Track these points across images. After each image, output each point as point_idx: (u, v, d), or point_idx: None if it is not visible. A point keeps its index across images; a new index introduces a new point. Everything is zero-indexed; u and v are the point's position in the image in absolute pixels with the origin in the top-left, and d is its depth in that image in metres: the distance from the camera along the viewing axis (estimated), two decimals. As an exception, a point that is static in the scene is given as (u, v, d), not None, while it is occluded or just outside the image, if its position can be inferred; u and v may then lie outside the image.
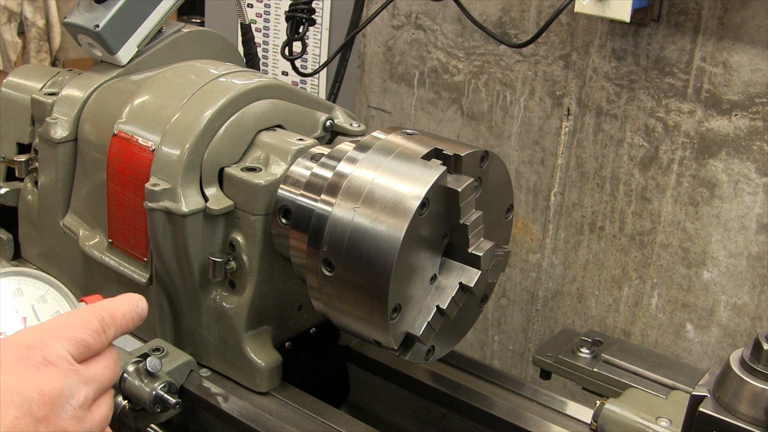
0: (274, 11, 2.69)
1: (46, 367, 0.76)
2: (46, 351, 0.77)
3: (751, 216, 1.78)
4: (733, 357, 0.92)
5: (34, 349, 0.76)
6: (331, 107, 1.43)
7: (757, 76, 1.70)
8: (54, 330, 0.79)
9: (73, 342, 0.79)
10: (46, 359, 0.76)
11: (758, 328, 1.82)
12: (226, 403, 1.26)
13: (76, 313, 0.83)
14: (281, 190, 1.22)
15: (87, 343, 0.80)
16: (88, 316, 0.82)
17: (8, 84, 1.60)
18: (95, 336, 0.81)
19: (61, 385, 0.76)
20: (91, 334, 0.81)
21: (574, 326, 2.12)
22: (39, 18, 4.87)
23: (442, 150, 1.10)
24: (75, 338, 0.79)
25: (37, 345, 0.77)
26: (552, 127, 2.04)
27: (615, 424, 1.12)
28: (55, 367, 0.77)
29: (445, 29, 2.17)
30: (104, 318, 0.83)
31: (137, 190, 1.28)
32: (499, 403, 1.32)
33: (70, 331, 0.80)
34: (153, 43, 1.48)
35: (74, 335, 0.80)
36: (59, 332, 0.79)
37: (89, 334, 0.81)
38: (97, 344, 0.82)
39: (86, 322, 0.82)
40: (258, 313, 1.28)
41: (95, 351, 0.82)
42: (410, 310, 1.09)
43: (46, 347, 0.77)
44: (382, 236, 1.03)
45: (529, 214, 2.15)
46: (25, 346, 0.76)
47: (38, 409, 0.74)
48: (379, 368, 1.45)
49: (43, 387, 0.75)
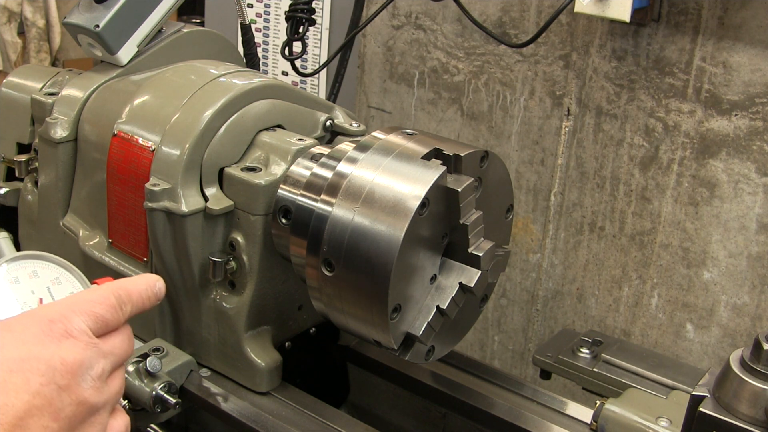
0: (274, 11, 2.69)
1: (67, 339, 0.79)
2: (67, 324, 0.80)
3: (751, 216, 1.78)
4: (733, 357, 0.92)
5: (55, 321, 0.79)
6: (331, 107, 1.43)
7: (757, 76, 1.70)
8: (74, 305, 0.83)
9: (92, 317, 0.82)
10: (67, 332, 0.79)
11: (758, 328, 1.82)
12: (226, 403, 1.26)
13: (95, 290, 0.86)
14: (281, 190, 1.22)
15: (105, 319, 0.84)
16: (106, 293, 0.85)
17: (8, 84, 1.60)
18: (113, 312, 0.85)
19: (81, 357, 0.79)
20: (109, 310, 0.84)
21: (574, 326, 2.12)
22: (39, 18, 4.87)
23: (442, 150, 1.10)
24: (94, 313, 0.83)
25: (59, 318, 0.80)
26: (552, 127, 2.04)
27: (615, 424, 1.12)
28: (76, 339, 0.80)
29: (445, 29, 2.17)
30: (121, 296, 0.86)
31: (137, 190, 1.28)
32: (499, 403, 1.32)
33: (90, 306, 0.83)
34: (153, 43, 1.48)
35: (93, 310, 0.83)
36: (79, 307, 0.82)
37: (107, 310, 0.84)
38: (114, 320, 0.85)
39: (104, 298, 0.85)
40: (258, 313, 1.28)
41: (112, 327, 0.85)
42: (410, 310, 1.09)
43: (67, 321, 0.80)
44: (382, 236, 1.03)
45: (529, 214, 2.15)
46: (47, 319, 0.79)
47: (61, 377, 0.77)
48: (379, 368, 1.45)
49: (66, 357, 0.78)
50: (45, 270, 0.93)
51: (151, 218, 1.22)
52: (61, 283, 0.93)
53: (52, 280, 0.93)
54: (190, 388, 1.27)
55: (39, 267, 0.93)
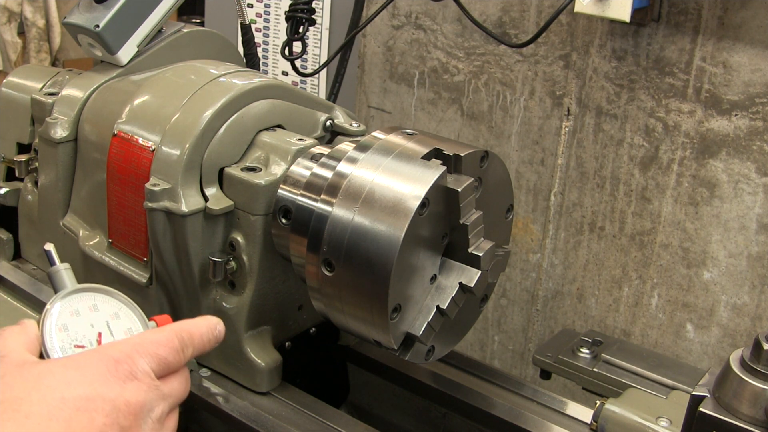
0: (274, 11, 2.69)
1: (131, 381, 0.81)
2: (132, 366, 0.82)
3: (751, 216, 1.78)
4: (733, 357, 0.92)
5: (121, 362, 0.81)
6: (331, 107, 1.43)
7: (757, 76, 1.70)
8: (140, 346, 0.85)
9: (156, 359, 0.84)
10: (132, 373, 0.82)
11: (758, 328, 1.82)
12: (226, 403, 1.26)
13: (159, 331, 0.89)
14: (281, 190, 1.22)
15: (167, 362, 0.86)
16: (170, 335, 0.88)
17: (8, 84, 1.60)
18: (175, 355, 0.87)
19: (144, 399, 0.81)
20: (171, 352, 0.86)
21: (574, 326, 2.12)
22: (39, 18, 4.87)
23: (442, 150, 1.10)
24: (158, 356, 0.85)
25: (124, 359, 0.82)
26: (552, 127, 2.04)
27: (615, 424, 1.12)
28: (140, 382, 0.82)
29: (445, 29, 2.17)
30: (184, 338, 0.89)
31: (137, 190, 1.27)
32: (499, 403, 1.32)
33: (154, 348, 0.85)
34: (153, 43, 1.48)
35: (157, 353, 0.85)
36: (144, 348, 0.84)
37: (170, 352, 0.86)
38: (176, 363, 0.87)
39: (168, 340, 0.87)
40: (258, 313, 1.28)
41: (173, 369, 0.87)
42: (410, 310, 1.09)
43: (132, 362, 0.82)
44: (382, 236, 1.03)
45: (529, 214, 2.15)
46: (113, 359, 0.81)
47: (124, 419, 0.79)
48: (379, 368, 1.45)
49: (130, 399, 0.80)
50: (105, 304, 0.93)
51: (151, 218, 1.22)
52: (120, 318, 0.93)
53: (111, 314, 0.93)
54: (191, 388, 1.27)
55: (99, 300, 0.93)
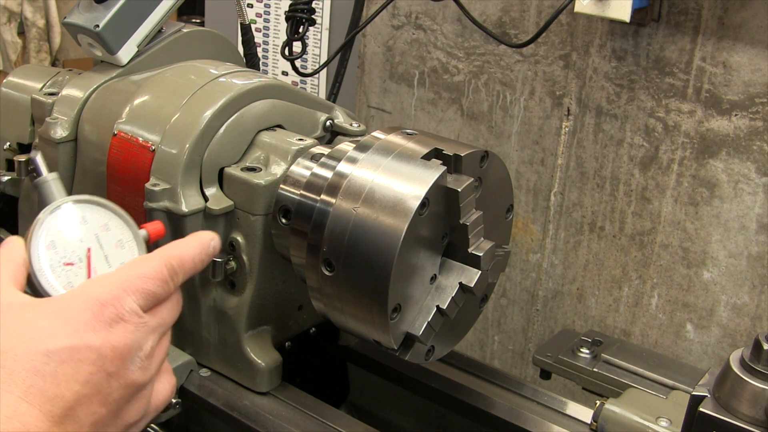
0: (274, 11, 2.69)
1: (118, 323, 0.79)
2: (118, 307, 0.80)
3: (751, 216, 1.78)
4: (733, 357, 0.92)
5: (106, 305, 0.79)
6: (331, 107, 1.43)
7: (757, 76, 1.70)
8: (125, 282, 0.82)
9: (144, 295, 0.82)
10: (118, 315, 0.79)
11: (758, 328, 1.82)
12: (226, 403, 1.26)
13: (147, 261, 0.85)
14: (281, 190, 1.22)
15: (156, 295, 0.84)
16: (158, 266, 0.85)
17: (8, 84, 1.60)
18: (164, 286, 0.85)
19: (131, 340, 0.80)
20: (161, 285, 0.84)
21: (574, 326, 2.12)
22: (39, 18, 4.87)
23: (442, 150, 1.10)
24: (145, 291, 0.82)
25: (110, 300, 0.80)
26: (552, 127, 2.04)
27: (615, 424, 1.12)
28: (126, 323, 0.80)
29: (445, 29, 2.17)
30: (173, 266, 0.86)
31: (137, 190, 1.27)
32: (499, 403, 1.32)
33: (141, 283, 0.82)
34: (153, 43, 1.48)
35: (145, 287, 0.83)
36: (130, 285, 0.82)
37: (158, 285, 0.84)
38: (165, 293, 0.85)
39: (156, 272, 0.84)
40: (258, 313, 1.28)
41: (162, 300, 0.85)
42: (410, 310, 1.09)
43: (119, 302, 0.80)
44: (382, 236, 1.03)
45: (529, 214, 2.15)
46: (98, 303, 0.79)
47: (110, 364, 0.78)
48: (379, 368, 1.45)
49: (116, 344, 0.79)
50: (94, 215, 0.90)
51: (151, 218, 1.22)
52: (110, 229, 0.90)
53: (101, 226, 0.90)
54: (190, 388, 1.27)
55: (88, 212, 0.90)
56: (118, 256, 0.91)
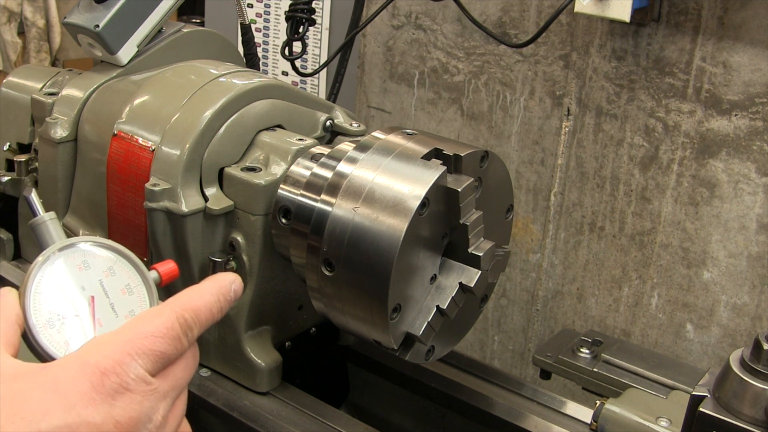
0: (274, 11, 2.69)
1: (122, 394, 0.69)
2: (122, 375, 0.69)
3: (751, 216, 1.78)
4: (733, 357, 0.92)
5: (108, 373, 0.69)
6: (331, 107, 1.43)
7: (757, 76, 1.70)
8: (130, 344, 0.71)
9: (152, 357, 0.72)
10: (122, 385, 0.69)
11: (758, 328, 1.82)
12: (226, 403, 1.26)
13: (157, 316, 0.74)
14: (281, 190, 1.22)
15: (166, 355, 0.73)
16: (169, 322, 0.74)
17: (8, 84, 1.60)
18: (176, 344, 0.74)
19: (138, 413, 0.70)
20: (172, 343, 0.73)
21: (574, 326, 2.12)
22: (39, 18, 4.87)
23: (442, 150, 1.10)
24: (154, 352, 0.72)
25: (112, 368, 0.69)
26: (552, 127, 2.04)
27: (615, 424, 1.12)
28: (132, 392, 0.70)
29: (445, 29, 2.17)
30: (187, 320, 0.75)
31: (137, 190, 1.28)
32: (499, 403, 1.32)
33: (148, 343, 0.71)
34: (153, 43, 1.48)
35: (153, 348, 0.72)
36: (136, 347, 0.71)
37: (169, 344, 0.73)
38: (178, 352, 0.74)
39: (166, 329, 0.73)
40: (258, 313, 1.28)
41: (174, 359, 0.74)
42: (410, 310, 1.09)
43: (122, 370, 0.69)
44: (382, 236, 1.03)
45: (529, 214, 2.15)
46: (99, 371, 0.69)
47: None
48: (379, 368, 1.45)
49: (120, 418, 0.69)
50: (97, 259, 0.80)
51: (151, 218, 1.22)
52: (115, 273, 0.80)
53: (105, 270, 0.80)
54: (190, 388, 1.26)
55: (90, 255, 0.80)
56: (126, 304, 0.82)
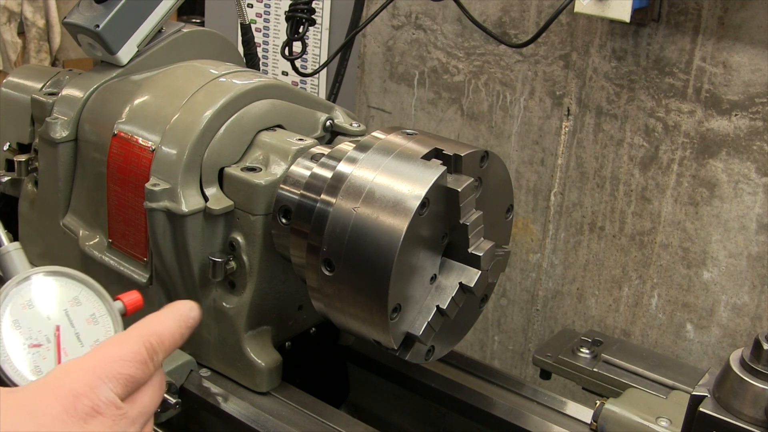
0: (274, 11, 2.69)
1: (93, 417, 0.71)
2: (93, 398, 0.72)
3: (751, 216, 1.78)
4: (733, 357, 0.92)
5: (80, 397, 0.71)
6: (331, 107, 1.43)
7: (757, 76, 1.70)
8: (99, 369, 0.74)
9: (121, 381, 0.74)
10: (94, 409, 0.71)
11: (758, 328, 1.82)
12: (226, 403, 1.26)
13: (123, 342, 0.77)
14: (281, 190, 1.22)
15: (135, 379, 0.76)
16: (136, 347, 0.77)
17: (8, 84, 1.60)
18: (143, 368, 0.77)
19: None
20: (140, 368, 0.76)
21: (574, 326, 2.12)
22: (39, 18, 4.87)
23: (442, 150, 1.10)
24: (123, 376, 0.75)
25: (83, 391, 0.72)
26: (552, 127, 2.04)
27: (615, 424, 1.12)
28: (103, 416, 0.72)
29: (445, 29, 2.17)
30: (152, 344, 0.78)
31: (137, 190, 1.28)
32: (499, 403, 1.32)
33: (117, 367, 0.74)
34: (153, 43, 1.48)
35: (122, 372, 0.75)
36: (105, 371, 0.74)
37: (137, 368, 0.76)
38: (145, 377, 0.77)
39: (134, 354, 0.76)
40: (258, 313, 1.28)
41: (142, 383, 0.78)
42: (410, 310, 1.09)
43: (93, 393, 0.72)
44: (382, 236, 1.03)
45: (529, 214, 2.15)
46: (71, 395, 0.71)
47: None
48: (379, 368, 1.45)
49: None
50: (62, 289, 0.82)
51: (151, 218, 1.22)
52: (81, 303, 0.83)
53: (71, 300, 0.82)
54: (190, 388, 1.27)
55: (56, 285, 0.82)
56: (92, 334, 0.84)
